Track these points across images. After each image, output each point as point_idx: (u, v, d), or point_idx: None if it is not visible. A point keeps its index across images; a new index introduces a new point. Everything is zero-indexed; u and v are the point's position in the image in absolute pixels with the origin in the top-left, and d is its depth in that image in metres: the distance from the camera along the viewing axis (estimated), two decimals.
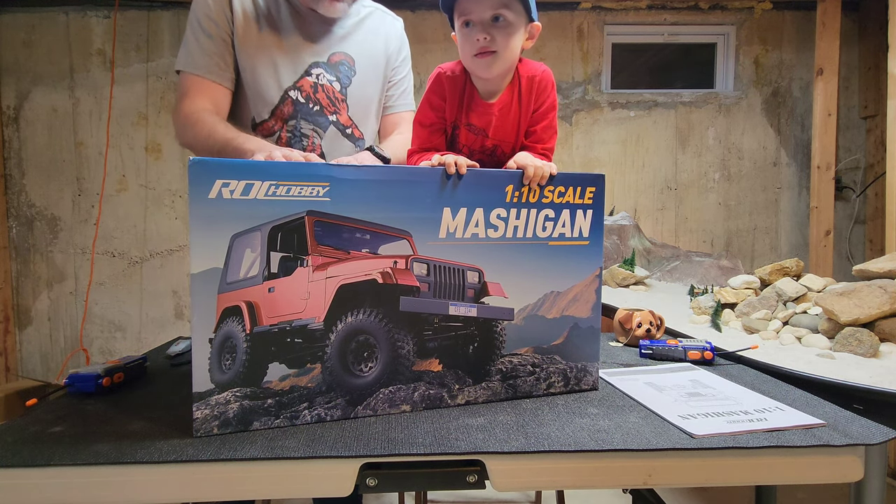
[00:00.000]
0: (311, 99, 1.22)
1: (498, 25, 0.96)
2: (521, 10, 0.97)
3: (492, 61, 0.97)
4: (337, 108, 1.26)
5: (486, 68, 0.98)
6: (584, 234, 0.92)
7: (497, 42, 0.96)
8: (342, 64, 1.27)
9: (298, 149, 1.18)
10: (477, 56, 0.97)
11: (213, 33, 1.17)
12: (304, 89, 1.22)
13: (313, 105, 1.23)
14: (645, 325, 1.24)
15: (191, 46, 1.18)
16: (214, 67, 1.17)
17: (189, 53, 1.18)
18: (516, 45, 0.99)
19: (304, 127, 1.22)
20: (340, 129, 1.27)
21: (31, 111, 3.03)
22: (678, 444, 0.71)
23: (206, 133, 1.10)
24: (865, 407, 0.95)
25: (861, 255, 3.21)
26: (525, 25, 1.00)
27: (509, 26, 0.96)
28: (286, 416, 0.77)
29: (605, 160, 3.21)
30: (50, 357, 3.12)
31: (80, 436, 0.73)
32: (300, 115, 1.22)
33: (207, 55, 1.17)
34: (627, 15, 3.15)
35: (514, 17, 0.96)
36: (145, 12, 3.01)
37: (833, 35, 2.88)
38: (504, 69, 1.01)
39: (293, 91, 1.21)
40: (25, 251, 3.08)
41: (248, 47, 1.18)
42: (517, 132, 1.07)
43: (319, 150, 1.25)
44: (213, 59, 1.17)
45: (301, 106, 1.22)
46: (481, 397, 0.87)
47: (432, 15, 3.06)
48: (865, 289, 1.22)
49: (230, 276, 0.74)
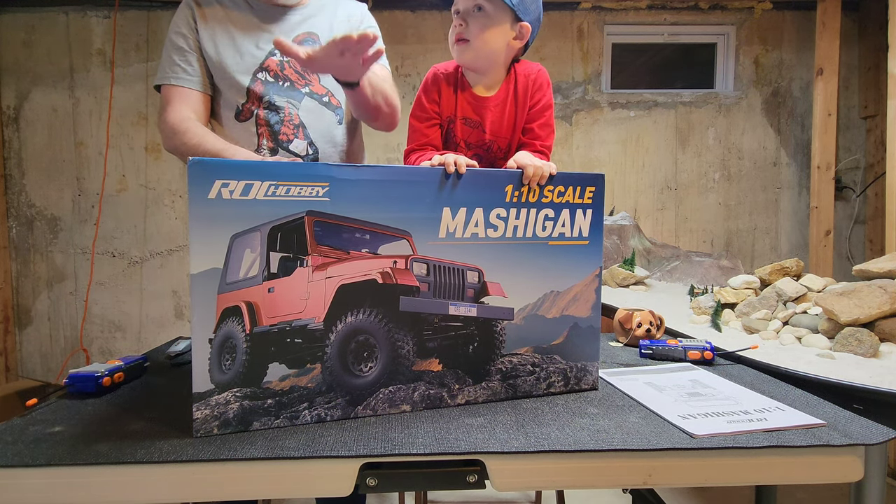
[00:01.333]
0: (279, 77, 1.26)
1: (475, 15, 1.02)
2: (503, 6, 1.01)
3: (464, 49, 1.03)
4: (308, 79, 1.29)
5: (459, 54, 1.05)
6: (583, 234, 0.92)
7: (470, 31, 1.02)
8: (307, 41, 1.30)
9: (275, 119, 1.25)
10: (455, 43, 1.05)
11: (182, 45, 1.25)
12: (271, 69, 1.26)
13: (283, 82, 1.27)
14: (645, 325, 1.24)
15: (165, 62, 1.26)
16: (189, 76, 1.25)
17: (164, 68, 1.26)
18: (492, 37, 1.03)
19: (277, 101, 1.26)
20: (317, 98, 1.30)
21: (31, 111, 3.03)
22: (678, 443, 0.71)
23: (196, 142, 1.16)
24: (865, 407, 0.95)
25: (861, 255, 3.21)
26: (510, 23, 1.04)
27: (486, 17, 1.02)
28: (286, 417, 0.77)
29: (605, 160, 3.21)
30: (50, 357, 3.12)
31: (80, 436, 0.73)
32: (272, 92, 1.26)
33: (180, 65, 1.25)
34: (627, 15, 3.15)
35: (492, 9, 1.01)
36: (145, 12, 3.01)
37: (833, 35, 2.88)
38: (478, 60, 1.05)
39: (261, 73, 1.26)
40: (25, 251, 3.08)
41: (213, 41, 1.25)
42: (513, 128, 1.10)
43: (298, 120, 1.28)
44: (186, 69, 1.25)
45: (271, 85, 1.26)
46: (481, 397, 0.87)
47: (432, 15, 3.06)
48: (865, 289, 1.22)
49: (230, 276, 0.74)
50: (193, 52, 1.25)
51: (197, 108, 1.25)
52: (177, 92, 1.24)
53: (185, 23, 1.25)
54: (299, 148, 1.27)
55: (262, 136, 1.26)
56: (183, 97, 1.24)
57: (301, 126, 1.27)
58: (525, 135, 1.10)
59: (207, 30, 1.25)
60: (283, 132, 1.27)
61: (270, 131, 1.26)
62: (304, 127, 1.28)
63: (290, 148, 1.27)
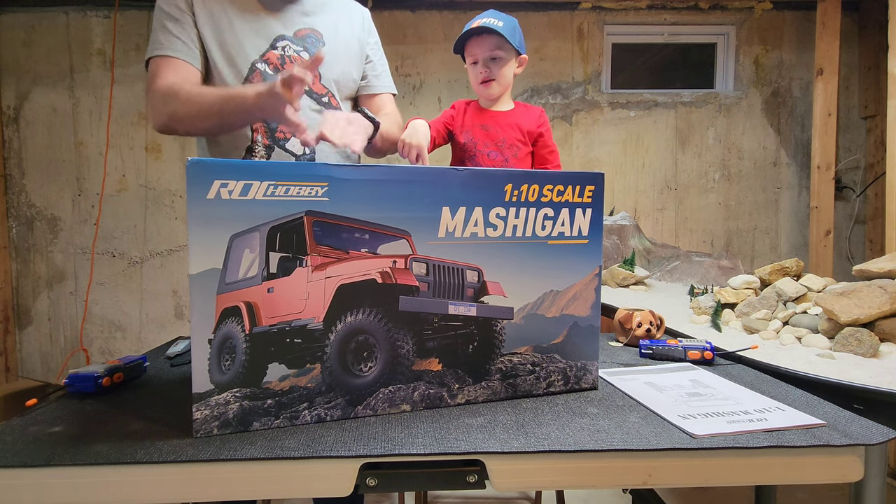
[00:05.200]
0: (280, 70, 1.22)
1: (495, 62, 1.38)
2: (511, 49, 1.37)
3: (492, 86, 1.40)
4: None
5: (488, 91, 1.41)
6: (583, 233, 0.92)
7: (494, 72, 1.38)
8: (309, 37, 1.27)
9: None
10: (481, 84, 1.41)
11: (176, 16, 1.17)
12: (272, 61, 1.22)
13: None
14: (645, 324, 1.24)
15: (156, 34, 1.17)
16: (182, 47, 1.16)
17: (155, 40, 1.17)
18: (509, 73, 1.41)
19: None
20: (316, 98, 1.27)
21: (31, 111, 3.03)
22: (678, 444, 0.71)
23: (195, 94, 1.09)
24: (865, 407, 0.95)
25: (861, 255, 3.21)
26: (515, 58, 1.41)
27: (502, 61, 1.38)
28: (286, 417, 0.77)
29: (605, 160, 3.21)
30: (50, 357, 3.12)
31: (80, 436, 0.73)
32: None
33: (173, 36, 1.16)
34: (627, 15, 3.15)
35: (505, 54, 1.37)
36: (145, 12, 3.01)
37: (833, 35, 2.88)
38: (501, 91, 1.43)
39: (260, 64, 1.21)
40: (25, 251, 3.08)
41: (212, 23, 1.19)
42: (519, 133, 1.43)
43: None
44: (179, 40, 1.16)
45: (270, 78, 1.20)
46: (481, 396, 0.87)
47: (432, 15, 3.06)
48: (865, 289, 1.22)
49: (229, 276, 0.74)
50: (189, 24, 1.17)
51: (189, 79, 1.16)
52: (168, 62, 1.15)
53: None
54: (296, 147, 1.25)
55: (256, 130, 1.22)
56: (174, 67, 1.15)
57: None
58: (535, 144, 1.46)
59: (205, 10, 1.18)
60: (280, 130, 1.24)
61: (267, 128, 1.23)
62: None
63: (286, 146, 1.25)
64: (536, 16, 3.09)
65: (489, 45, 1.35)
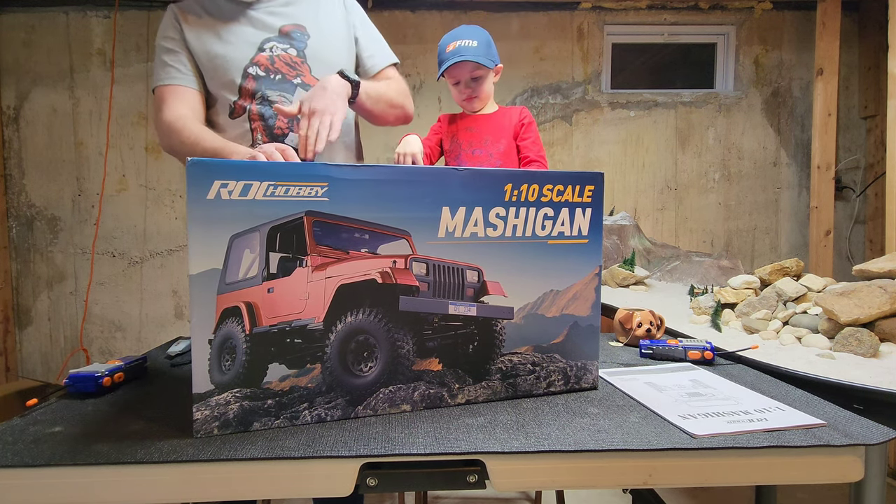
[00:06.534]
0: (270, 70, 1.27)
1: (475, 80, 1.49)
2: (488, 65, 1.47)
3: (475, 102, 1.53)
4: (298, 70, 1.30)
5: (472, 106, 1.54)
6: (583, 233, 0.92)
7: (476, 91, 1.51)
8: (293, 32, 1.31)
9: (269, 114, 1.27)
10: (465, 101, 1.53)
11: (170, 47, 1.27)
12: (262, 64, 1.27)
13: (274, 75, 1.28)
14: (645, 324, 1.24)
15: (156, 66, 1.29)
16: (181, 74, 1.26)
17: (156, 72, 1.28)
18: (489, 85, 1.53)
19: (270, 94, 1.27)
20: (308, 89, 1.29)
21: (31, 111, 3.03)
22: (678, 444, 0.71)
23: (193, 140, 1.17)
24: (865, 407, 0.95)
25: (861, 255, 3.21)
26: (492, 71, 1.51)
27: (481, 79, 1.50)
28: (286, 417, 0.77)
29: (605, 160, 3.21)
30: (50, 357, 3.12)
31: (80, 436, 0.73)
32: (264, 87, 1.27)
33: (172, 66, 1.27)
34: (627, 15, 3.15)
35: (484, 72, 1.48)
36: (145, 12, 3.01)
37: (833, 35, 2.88)
38: (483, 103, 1.55)
39: (252, 68, 1.27)
40: (25, 251, 3.08)
41: (201, 44, 1.26)
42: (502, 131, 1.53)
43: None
44: (177, 68, 1.26)
45: (262, 80, 1.27)
46: (481, 396, 0.87)
47: (432, 15, 3.06)
48: (865, 289, 1.22)
49: (229, 276, 0.74)
50: (182, 52, 1.27)
51: (193, 104, 1.26)
52: (171, 90, 1.25)
53: (172, 26, 1.27)
54: (295, 141, 1.27)
55: (255, 130, 1.27)
56: (177, 95, 1.25)
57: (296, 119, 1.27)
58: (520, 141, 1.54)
59: (193, 31, 1.27)
60: (277, 126, 1.27)
61: (265, 125, 1.27)
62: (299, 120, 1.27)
63: (285, 141, 1.27)
64: (536, 16, 3.09)
65: (468, 67, 1.45)
